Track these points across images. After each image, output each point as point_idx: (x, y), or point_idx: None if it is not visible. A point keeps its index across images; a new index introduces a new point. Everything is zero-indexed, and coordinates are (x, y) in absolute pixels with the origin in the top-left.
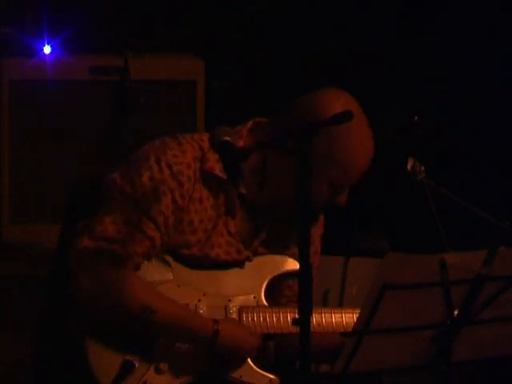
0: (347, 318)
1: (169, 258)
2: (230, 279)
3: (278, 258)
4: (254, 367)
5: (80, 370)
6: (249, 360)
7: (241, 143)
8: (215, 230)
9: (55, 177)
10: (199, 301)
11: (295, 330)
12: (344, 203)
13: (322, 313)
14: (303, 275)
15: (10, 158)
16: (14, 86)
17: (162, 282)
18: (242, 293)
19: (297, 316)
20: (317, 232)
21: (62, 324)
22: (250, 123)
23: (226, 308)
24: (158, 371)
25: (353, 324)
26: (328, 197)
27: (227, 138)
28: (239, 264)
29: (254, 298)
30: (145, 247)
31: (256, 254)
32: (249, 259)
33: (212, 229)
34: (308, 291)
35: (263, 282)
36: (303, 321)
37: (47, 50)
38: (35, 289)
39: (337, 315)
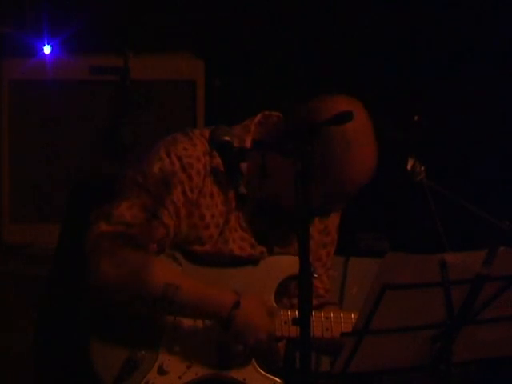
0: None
1: (179, 256)
2: (240, 279)
3: (290, 259)
4: (259, 369)
5: (83, 368)
6: (254, 362)
7: (249, 138)
8: (228, 225)
9: (55, 177)
10: None
11: None
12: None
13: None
14: (303, 275)
15: (9, 157)
16: (14, 85)
17: None
18: (251, 293)
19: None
20: (334, 222)
21: (64, 322)
22: (258, 116)
23: None
24: (161, 372)
25: None
26: (319, 205)
27: (227, 138)
28: (253, 261)
29: (263, 298)
30: (160, 234)
31: (271, 252)
32: (263, 255)
33: (224, 224)
34: (308, 291)
35: (274, 283)
36: (303, 321)
37: (47, 49)
38: (35, 289)
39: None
